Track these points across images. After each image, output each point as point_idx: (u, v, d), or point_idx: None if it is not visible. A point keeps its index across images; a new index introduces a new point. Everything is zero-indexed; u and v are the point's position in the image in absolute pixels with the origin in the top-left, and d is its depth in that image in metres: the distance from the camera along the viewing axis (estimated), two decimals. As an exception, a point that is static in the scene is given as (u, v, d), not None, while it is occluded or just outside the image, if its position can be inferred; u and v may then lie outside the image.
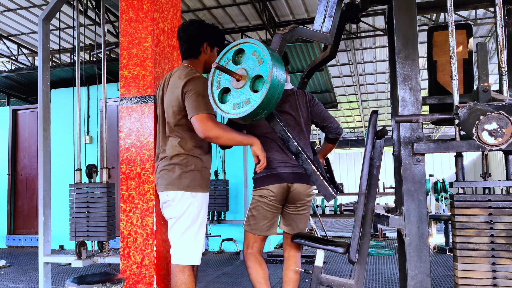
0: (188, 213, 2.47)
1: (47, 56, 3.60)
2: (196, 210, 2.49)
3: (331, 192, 1.96)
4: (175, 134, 2.50)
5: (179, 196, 2.46)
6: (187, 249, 2.47)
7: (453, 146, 1.90)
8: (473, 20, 8.77)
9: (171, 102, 2.47)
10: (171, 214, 2.51)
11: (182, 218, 2.47)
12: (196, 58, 2.60)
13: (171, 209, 2.50)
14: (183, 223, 2.47)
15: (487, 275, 1.84)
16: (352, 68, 12.46)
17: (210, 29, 2.62)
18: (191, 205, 2.47)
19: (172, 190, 2.46)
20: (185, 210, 2.46)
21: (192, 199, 2.47)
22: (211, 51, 2.62)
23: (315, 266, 2.45)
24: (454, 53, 1.93)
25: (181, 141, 2.48)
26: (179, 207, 2.46)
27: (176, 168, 2.46)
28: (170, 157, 2.48)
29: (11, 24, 9.16)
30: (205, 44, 2.59)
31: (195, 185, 2.49)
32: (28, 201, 7.71)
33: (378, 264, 5.35)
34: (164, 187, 2.49)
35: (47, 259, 3.40)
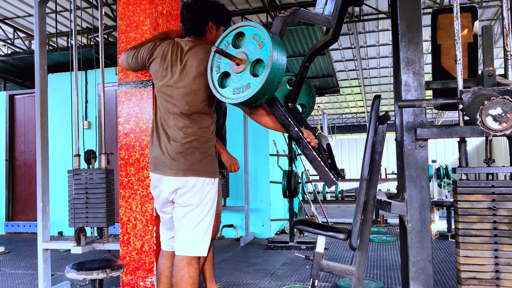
0: (206, 200, 2.37)
1: (44, 40, 3.57)
2: (214, 197, 2.42)
3: (332, 178, 1.96)
4: (197, 115, 2.35)
5: (200, 183, 2.33)
6: (199, 239, 2.35)
7: (457, 132, 1.90)
8: (479, 3, 8.69)
9: (203, 81, 2.30)
10: (188, 202, 2.34)
11: (200, 206, 2.35)
12: (202, 36, 2.51)
13: (189, 196, 2.34)
14: (200, 211, 2.35)
15: (489, 262, 1.85)
16: (354, 52, 12.38)
17: (214, 7, 2.53)
18: (210, 191, 2.38)
19: (192, 175, 2.32)
20: (204, 198, 2.36)
21: (211, 185, 2.38)
22: (216, 30, 2.54)
23: (316, 252, 2.47)
24: (458, 36, 1.91)
25: (202, 124, 2.36)
26: (199, 194, 2.34)
27: (197, 152, 2.33)
28: (190, 141, 2.33)
29: (7, 7, 9.09)
30: (210, 23, 2.50)
31: (214, 170, 2.40)
32: (27, 187, 7.73)
33: (380, 250, 5.39)
34: (183, 172, 2.32)
35: (46, 246, 3.42)
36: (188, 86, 2.33)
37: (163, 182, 2.38)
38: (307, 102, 3.49)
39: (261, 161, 6.73)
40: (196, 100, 2.33)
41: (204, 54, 2.32)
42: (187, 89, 2.33)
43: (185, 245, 2.34)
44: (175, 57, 2.38)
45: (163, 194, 2.41)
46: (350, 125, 25.84)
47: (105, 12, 8.89)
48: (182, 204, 2.36)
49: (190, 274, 2.31)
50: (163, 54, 2.43)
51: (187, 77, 2.33)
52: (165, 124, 2.40)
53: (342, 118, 24.64)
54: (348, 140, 25.54)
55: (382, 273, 4.27)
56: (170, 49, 2.41)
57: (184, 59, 2.36)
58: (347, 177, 20.36)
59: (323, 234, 2.49)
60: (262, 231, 6.71)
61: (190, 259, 2.33)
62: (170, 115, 2.38)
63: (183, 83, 2.34)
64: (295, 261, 4.91)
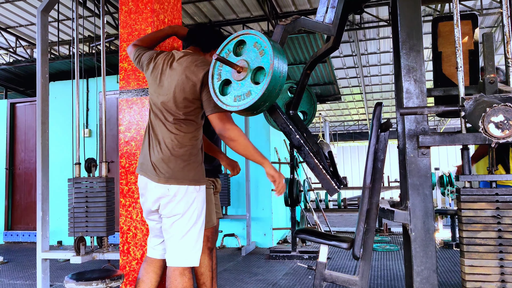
0: (192, 209, 2.33)
1: (46, 48, 3.59)
2: (201, 206, 2.38)
3: (334, 186, 1.96)
4: (180, 123, 2.35)
5: (182, 191, 2.30)
6: (189, 249, 2.33)
7: (459, 139, 1.90)
8: (479, 10, 8.71)
9: (184, 89, 2.31)
10: (173, 211, 2.32)
11: (186, 215, 2.32)
12: (204, 53, 2.54)
13: (173, 205, 2.31)
14: (187, 220, 2.32)
15: (494, 271, 1.84)
16: (355, 59, 12.41)
17: (222, 39, 2.53)
18: (196, 199, 2.34)
19: (174, 183, 2.29)
20: (189, 206, 2.32)
21: (197, 193, 2.35)
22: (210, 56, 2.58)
23: (318, 262, 2.45)
24: (459, 44, 1.91)
25: (186, 131, 2.35)
26: (183, 203, 2.31)
27: (179, 159, 2.32)
28: (172, 147, 2.32)
29: (9, 15, 9.14)
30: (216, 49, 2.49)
31: (199, 177, 2.37)
32: (26, 196, 7.73)
33: (383, 259, 5.36)
34: (165, 180, 2.30)
35: (45, 255, 3.41)
36: (170, 93, 2.34)
37: (148, 189, 2.36)
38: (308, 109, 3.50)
39: (262, 169, 6.66)
40: (179, 108, 2.33)
41: (190, 63, 2.34)
42: (169, 96, 2.34)
43: (176, 256, 2.32)
44: (166, 66, 2.42)
45: (147, 202, 2.39)
46: (352, 133, 25.83)
47: (107, 20, 8.94)
48: (167, 214, 2.34)
49: (184, 285, 2.29)
50: (157, 63, 2.46)
51: (171, 84, 2.35)
52: (152, 130, 2.42)
53: (343, 126, 24.64)
54: (350, 147, 25.52)
55: (386, 283, 4.24)
56: (164, 58, 2.45)
57: (172, 67, 2.39)
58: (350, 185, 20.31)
59: (326, 243, 2.48)
60: (263, 240, 6.68)
61: (182, 269, 2.31)
62: (157, 121, 2.40)
63: (166, 90, 2.36)
64: (297, 271, 4.88)
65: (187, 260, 2.32)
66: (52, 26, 8.95)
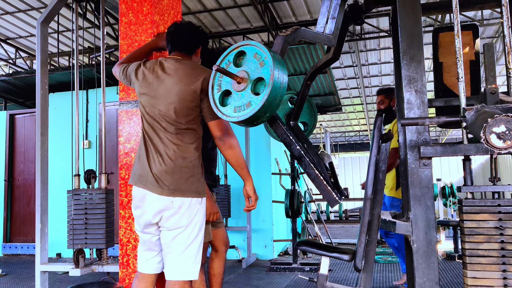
0: (195, 221, 2.30)
1: (45, 60, 3.61)
2: (202, 218, 2.36)
3: (335, 197, 1.95)
4: (182, 133, 2.32)
5: (187, 204, 2.27)
6: (190, 262, 2.29)
7: (461, 150, 1.90)
8: (480, 21, 8.77)
9: (186, 98, 2.28)
10: (177, 224, 2.27)
11: (189, 227, 2.28)
12: (189, 55, 2.48)
13: (177, 218, 2.26)
14: (189, 233, 2.28)
15: (497, 283, 1.83)
16: (356, 70, 12.46)
17: (206, 35, 2.57)
18: (198, 212, 2.32)
19: (179, 196, 2.25)
20: (192, 219, 2.29)
21: (199, 205, 2.32)
22: (198, 57, 2.57)
23: (320, 274, 2.44)
24: (460, 54, 1.92)
25: (187, 141, 2.32)
26: (187, 215, 2.27)
27: (183, 171, 2.28)
28: (176, 158, 2.29)
29: (9, 27, 9.21)
30: (200, 47, 2.53)
31: (202, 189, 2.34)
32: (25, 208, 7.71)
33: (385, 271, 5.33)
34: (169, 192, 2.25)
35: (44, 268, 3.39)
36: (170, 103, 2.30)
37: (147, 202, 2.30)
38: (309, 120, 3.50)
39: (263, 180, 6.71)
40: (180, 117, 2.30)
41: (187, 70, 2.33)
42: (169, 106, 2.31)
43: (176, 270, 2.28)
44: (158, 74, 2.37)
45: (146, 215, 2.33)
46: (353, 143, 25.85)
47: (107, 32, 8.99)
48: (170, 227, 2.29)
49: None
50: (146, 72, 2.43)
51: (169, 94, 2.31)
52: (150, 141, 2.37)
53: (344, 136, 24.66)
54: (351, 158, 25.51)
55: (388, 295, 4.21)
56: (153, 67, 2.41)
57: (166, 75, 2.35)
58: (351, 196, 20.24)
59: (327, 255, 2.47)
60: (264, 252, 6.65)
61: (183, 283, 2.28)
62: (155, 132, 2.35)
63: (164, 100, 2.32)
64: (298, 283, 4.85)
65: (188, 274, 2.28)
66: (52, 37, 9.00)
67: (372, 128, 2.80)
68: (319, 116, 14.66)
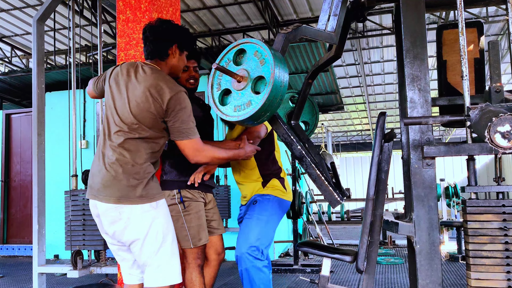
0: (154, 229, 2.18)
1: (42, 58, 3.61)
2: (164, 221, 2.23)
3: (336, 198, 1.95)
4: (135, 140, 2.21)
5: (137, 212, 2.15)
6: (165, 268, 2.22)
7: (465, 149, 1.90)
8: (484, 18, 8.76)
9: (145, 106, 2.19)
10: (133, 237, 2.17)
11: (148, 237, 2.17)
12: (162, 60, 2.37)
13: (130, 230, 2.16)
14: (152, 243, 2.18)
15: (501, 284, 1.83)
16: (358, 68, 12.45)
17: (180, 30, 2.43)
18: (156, 217, 2.19)
19: (126, 203, 2.13)
20: (149, 227, 2.17)
21: (154, 210, 2.19)
22: (180, 55, 2.42)
23: (321, 276, 2.44)
24: (464, 52, 1.92)
25: (140, 149, 2.21)
26: (141, 225, 2.16)
27: (131, 178, 2.16)
28: (123, 165, 2.17)
29: (5, 25, 9.20)
30: (174, 46, 2.37)
31: (154, 192, 2.21)
32: (22, 209, 7.71)
33: (388, 273, 5.33)
34: (115, 199, 2.13)
35: (42, 269, 3.40)
36: (131, 108, 2.22)
37: (100, 214, 2.22)
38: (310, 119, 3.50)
39: (263, 181, 6.70)
40: (134, 124, 2.21)
41: (156, 81, 2.22)
42: (129, 110, 2.22)
43: (153, 277, 2.21)
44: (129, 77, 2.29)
45: (102, 226, 2.27)
46: (355, 143, 25.83)
47: (104, 30, 8.99)
48: (128, 242, 2.21)
49: None
50: (115, 76, 2.35)
51: (132, 99, 2.23)
52: (102, 147, 2.27)
53: (346, 136, 24.65)
54: (353, 158, 25.50)
55: (391, 297, 4.21)
56: (127, 70, 2.32)
57: (136, 80, 2.26)
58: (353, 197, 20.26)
59: (329, 256, 2.47)
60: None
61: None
62: (108, 138, 2.26)
63: (126, 105, 2.24)
64: (299, 284, 4.86)
65: (166, 279, 2.22)
66: (48, 36, 9.01)
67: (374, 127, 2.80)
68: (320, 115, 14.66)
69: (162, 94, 2.19)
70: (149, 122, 2.22)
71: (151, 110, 2.20)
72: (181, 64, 2.46)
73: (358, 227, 10.66)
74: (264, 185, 2.89)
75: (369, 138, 24.87)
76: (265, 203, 2.83)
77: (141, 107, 2.20)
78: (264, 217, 2.77)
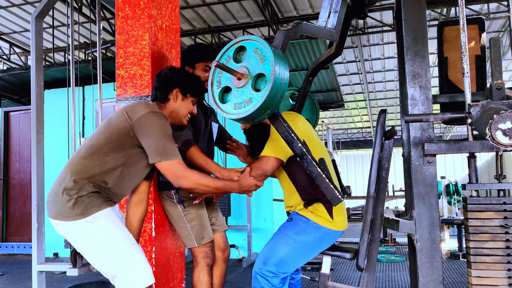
0: (95, 243, 2.11)
1: (40, 55, 3.61)
2: (106, 233, 2.12)
3: (337, 195, 1.96)
4: (90, 155, 2.16)
5: (71, 228, 2.11)
6: (125, 274, 2.10)
7: (466, 147, 1.90)
8: (486, 15, 8.75)
9: (118, 125, 2.17)
10: (79, 248, 2.17)
11: (91, 251, 2.13)
12: (162, 103, 2.37)
13: (73, 243, 2.18)
14: (97, 256, 2.13)
15: (502, 282, 1.83)
16: (359, 65, 12.44)
17: (184, 76, 2.44)
18: (95, 233, 2.11)
19: (60, 219, 2.10)
20: (87, 242, 2.13)
21: (91, 224, 2.09)
22: (183, 100, 2.38)
23: (321, 274, 2.45)
24: (466, 49, 1.93)
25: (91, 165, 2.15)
26: (79, 240, 2.14)
27: (64, 193, 2.10)
28: (60, 181, 2.16)
29: (3, 22, 9.20)
30: (175, 90, 2.36)
31: (90, 207, 2.10)
32: (21, 207, 7.72)
33: (388, 271, 5.34)
34: (52, 215, 2.12)
35: (41, 268, 3.40)
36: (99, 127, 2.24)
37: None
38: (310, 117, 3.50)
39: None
40: (87, 143, 2.21)
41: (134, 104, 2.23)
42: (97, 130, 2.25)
43: (122, 283, 2.11)
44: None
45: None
46: (356, 141, 25.83)
47: (103, 27, 8.98)
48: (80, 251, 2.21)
49: None
50: None
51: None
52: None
53: (347, 133, 24.65)
54: (354, 156, 25.52)
55: (391, 295, 4.22)
56: None
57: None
58: (353, 195, 20.29)
59: (329, 254, 2.48)
60: (265, 251, 6.65)
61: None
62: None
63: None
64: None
65: (131, 283, 2.10)
66: (47, 33, 9.01)
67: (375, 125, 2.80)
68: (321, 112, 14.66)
69: (136, 112, 2.17)
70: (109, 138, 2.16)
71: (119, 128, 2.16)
72: (183, 110, 2.39)
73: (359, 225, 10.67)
74: (306, 206, 2.45)
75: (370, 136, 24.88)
76: (301, 226, 2.41)
77: (111, 123, 2.19)
78: (292, 240, 2.37)
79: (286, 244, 2.36)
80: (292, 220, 2.46)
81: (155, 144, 2.12)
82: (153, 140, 2.12)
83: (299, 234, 2.37)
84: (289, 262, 2.35)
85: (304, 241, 2.37)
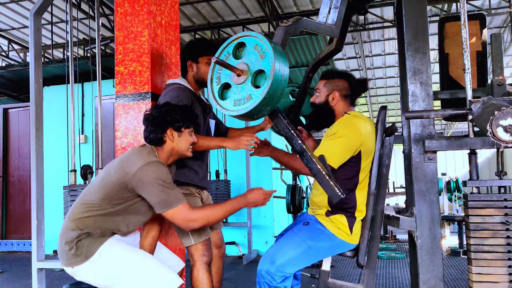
0: (113, 276, 2.18)
1: (39, 52, 3.60)
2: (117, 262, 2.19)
3: (337, 192, 1.96)
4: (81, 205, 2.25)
5: (84, 271, 2.19)
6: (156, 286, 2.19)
7: (467, 143, 1.90)
8: (487, 10, 8.73)
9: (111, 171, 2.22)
10: (103, 286, 2.24)
11: (116, 284, 2.19)
12: (159, 145, 2.31)
13: (96, 283, 2.23)
14: (123, 285, 2.19)
15: (503, 279, 1.84)
16: (359, 61, 12.42)
17: (175, 110, 2.31)
18: (107, 266, 2.18)
19: (73, 266, 2.20)
20: (108, 277, 2.19)
21: (99, 260, 2.17)
22: (179, 136, 2.30)
23: (322, 271, 2.45)
24: (467, 45, 1.92)
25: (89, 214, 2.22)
26: (99, 279, 2.20)
27: (64, 243, 2.23)
28: (61, 233, 2.29)
29: (1, 18, 9.17)
30: (168, 130, 2.27)
31: (92, 247, 2.18)
32: (21, 204, 7.73)
33: (389, 268, 5.35)
34: (64, 264, 2.24)
35: (41, 265, 3.41)
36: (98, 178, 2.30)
37: None
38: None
39: (264, 175, 6.72)
40: (86, 192, 2.28)
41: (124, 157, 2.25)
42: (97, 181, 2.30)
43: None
44: None
45: None
46: (356, 137, 25.78)
47: (102, 23, 8.96)
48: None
49: None
50: None
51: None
52: None
53: (347, 130, 24.61)
54: (354, 152, 25.47)
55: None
56: None
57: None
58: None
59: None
60: (265, 248, 6.67)
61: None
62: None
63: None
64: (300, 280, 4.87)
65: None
66: (46, 29, 8.96)
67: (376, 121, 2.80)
68: (321, 109, 14.63)
69: (131, 166, 2.17)
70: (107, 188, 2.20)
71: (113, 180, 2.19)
72: (182, 145, 2.32)
73: (359, 222, 10.66)
74: (328, 214, 2.38)
75: (370, 132, 24.82)
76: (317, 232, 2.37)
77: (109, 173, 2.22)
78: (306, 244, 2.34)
79: (298, 246, 2.33)
80: (309, 224, 2.42)
81: (156, 197, 2.14)
82: (153, 194, 2.14)
83: (313, 240, 2.34)
84: (297, 263, 2.35)
85: (318, 247, 2.35)
